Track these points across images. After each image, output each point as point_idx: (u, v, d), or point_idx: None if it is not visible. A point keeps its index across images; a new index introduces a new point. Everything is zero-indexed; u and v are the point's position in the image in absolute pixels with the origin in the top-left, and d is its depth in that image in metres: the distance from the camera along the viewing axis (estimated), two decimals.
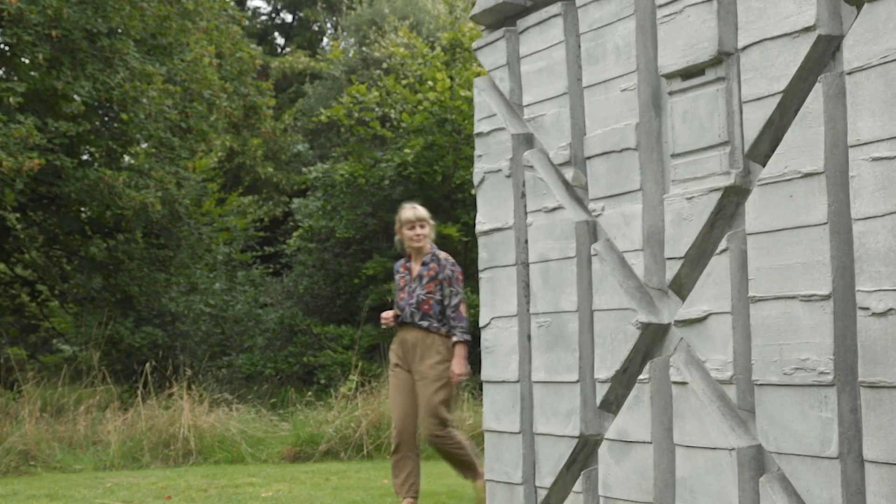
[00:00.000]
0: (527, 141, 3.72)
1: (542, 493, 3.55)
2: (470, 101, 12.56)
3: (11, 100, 9.82)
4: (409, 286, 5.72)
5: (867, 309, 2.47)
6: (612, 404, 3.32)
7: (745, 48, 2.83)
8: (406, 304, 5.68)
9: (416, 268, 5.74)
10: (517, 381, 3.65)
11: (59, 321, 14.70)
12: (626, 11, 3.23)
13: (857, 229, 2.51)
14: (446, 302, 5.65)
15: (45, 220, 12.64)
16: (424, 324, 5.62)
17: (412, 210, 5.74)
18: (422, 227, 5.71)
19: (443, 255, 5.76)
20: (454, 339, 5.60)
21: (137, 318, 12.60)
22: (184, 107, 12.07)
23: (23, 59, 10.85)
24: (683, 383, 2.98)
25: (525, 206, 3.68)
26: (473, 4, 3.71)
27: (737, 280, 2.85)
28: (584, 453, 3.44)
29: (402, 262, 5.87)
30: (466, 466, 5.67)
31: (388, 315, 5.75)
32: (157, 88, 11.43)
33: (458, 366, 5.57)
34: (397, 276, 5.85)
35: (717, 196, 2.90)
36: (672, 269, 3.05)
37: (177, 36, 12.19)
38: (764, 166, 2.81)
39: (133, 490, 7.17)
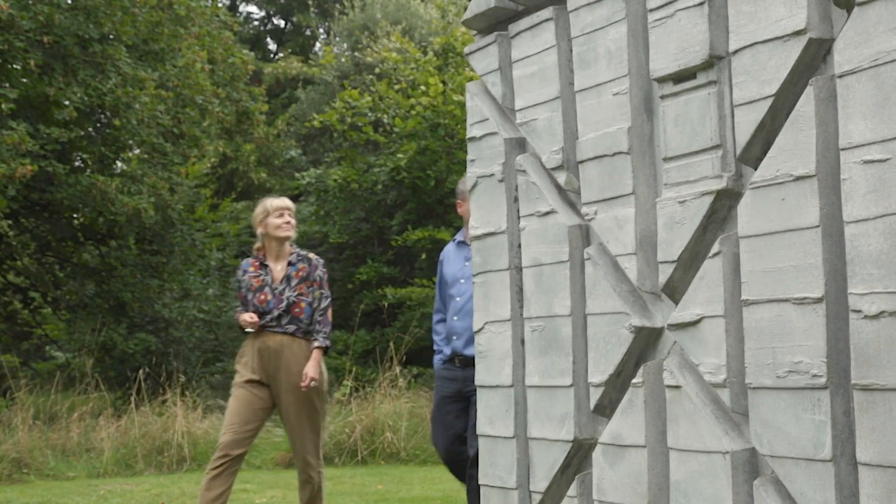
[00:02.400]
0: (519, 145, 3.71)
1: (537, 498, 3.54)
2: (463, 105, 12.57)
3: (3, 106, 9.80)
4: (273, 287, 5.22)
5: (859, 311, 2.47)
6: (605, 408, 3.31)
7: (736, 52, 2.83)
8: (273, 306, 5.20)
9: (278, 267, 5.26)
10: (511, 386, 3.64)
11: (52, 328, 14.66)
12: (618, 16, 3.23)
13: (849, 232, 2.51)
14: (315, 304, 5.23)
15: (38, 226, 12.61)
16: (291, 328, 5.20)
17: (281, 199, 5.33)
18: (291, 215, 5.28)
19: (313, 255, 5.36)
20: (316, 343, 5.19)
21: (130, 324, 12.56)
22: (176, 112, 12.07)
23: (14, 66, 10.83)
24: (677, 387, 2.98)
25: (518, 211, 3.67)
26: (465, 9, 3.70)
27: (729, 283, 2.85)
28: (578, 457, 3.43)
29: (250, 260, 5.37)
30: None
31: (253, 318, 5.21)
32: (150, 94, 11.42)
33: (314, 369, 5.13)
34: (247, 276, 5.30)
35: (709, 199, 2.90)
36: (665, 273, 3.05)
37: (169, 42, 12.18)
38: (756, 169, 2.82)
39: (127, 497, 7.14)
